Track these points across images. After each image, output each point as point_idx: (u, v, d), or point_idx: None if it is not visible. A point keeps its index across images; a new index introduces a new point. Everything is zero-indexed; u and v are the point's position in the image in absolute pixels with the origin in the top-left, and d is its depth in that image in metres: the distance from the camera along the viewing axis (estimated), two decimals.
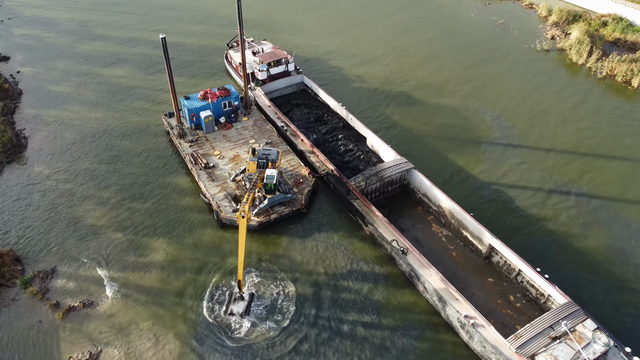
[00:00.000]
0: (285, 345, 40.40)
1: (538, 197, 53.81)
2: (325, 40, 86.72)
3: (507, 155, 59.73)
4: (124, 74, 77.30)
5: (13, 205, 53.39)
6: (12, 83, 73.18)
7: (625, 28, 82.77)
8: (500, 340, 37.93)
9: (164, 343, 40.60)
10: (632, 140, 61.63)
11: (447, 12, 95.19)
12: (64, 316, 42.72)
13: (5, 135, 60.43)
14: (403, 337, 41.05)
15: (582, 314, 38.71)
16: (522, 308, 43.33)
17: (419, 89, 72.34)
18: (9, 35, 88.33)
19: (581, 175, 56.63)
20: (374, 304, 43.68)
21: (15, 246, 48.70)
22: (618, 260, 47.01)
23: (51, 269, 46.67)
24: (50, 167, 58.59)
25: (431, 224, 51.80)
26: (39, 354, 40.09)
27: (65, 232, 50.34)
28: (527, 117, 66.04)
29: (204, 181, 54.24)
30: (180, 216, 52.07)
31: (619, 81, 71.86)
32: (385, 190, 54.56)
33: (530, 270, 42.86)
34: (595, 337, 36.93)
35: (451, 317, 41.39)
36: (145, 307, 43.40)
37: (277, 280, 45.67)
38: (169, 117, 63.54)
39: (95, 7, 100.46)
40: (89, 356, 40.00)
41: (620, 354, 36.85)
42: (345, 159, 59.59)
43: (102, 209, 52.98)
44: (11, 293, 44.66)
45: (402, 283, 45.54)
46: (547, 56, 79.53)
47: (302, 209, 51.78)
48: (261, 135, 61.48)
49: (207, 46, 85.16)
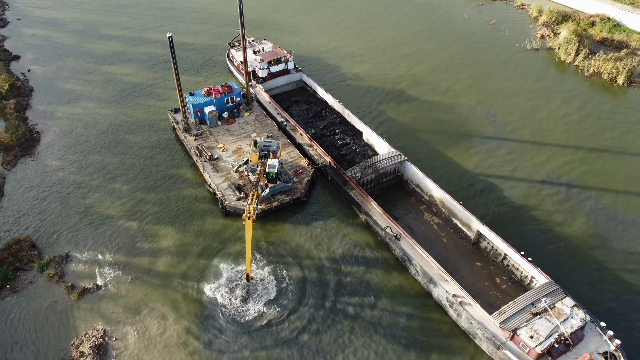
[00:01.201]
0: (286, 324, 43.42)
1: (525, 188, 56.85)
2: (324, 40, 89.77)
3: (498, 149, 62.73)
4: (130, 72, 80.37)
5: (28, 195, 56.38)
6: (24, 81, 76.29)
7: (613, 28, 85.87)
8: (486, 317, 40.95)
9: (171, 321, 43.60)
10: (616, 135, 64.70)
11: (441, 13, 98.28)
12: (79, 297, 45.72)
13: (19, 130, 63.52)
14: (396, 316, 44.04)
15: (562, 293, 41.77)
16: (508, 289, 46.31)
17: (413, 87, 75.39)
18: (19, 35, 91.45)
19: (567, 167, 59.67)
20: (369, 285, 46.69)
21: (31, 233, 51.69)
22: (600, 246, 50.02)
23: (65, 254, 49.65)
24: (62, 160, 61.62)
25: (423, 213, 54.82)
26: (57, 331, 43.08)
27: (78, 220, 53.33)
28: (517, 112, 69.08)
29: (208, 172, 57.25)
30: (185, 205, 55.06)
31: (605, 78, 75.00)
32: (380, 182, 57.55)
33: (515, 254, 45.89)
34: (572, 313, 40.05)
35: (441, 297, 44.38)
36: (153, 289, 46.39)
37: (278, 263, 48.66)
38: (174, 112, 66.55)
39: (101, 8, 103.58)
40: (103, 333, 43.01)
41: (596, 328, 39.99)
42: (342, 152, 62.62)
43: (112, 198, 55.97)
44: (29, 276, 47.65)
45: (395, 266, 48.55)
46: (537, 55, 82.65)
47: (302, 198, 54.81)
48: (262, 129, 64.49)
49: (210, 45, 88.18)
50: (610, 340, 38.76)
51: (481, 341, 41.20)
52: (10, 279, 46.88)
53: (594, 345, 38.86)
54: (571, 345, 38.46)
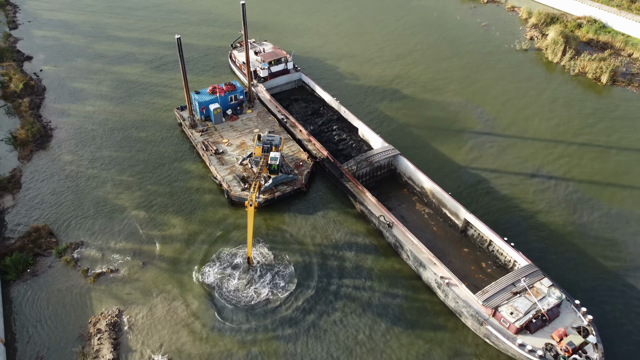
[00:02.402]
0: (285, 304, 47.11)
1: (512, 180, 60.55)
2: (322, 41, 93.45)
3: (486, 144, 66.42)
4: (138, 71, 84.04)
5: (44, 187, 59.99)
6: (37, 80, 79.95)
7: (599, 29, 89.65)
8: (470, 296, 44.58)
9: (179, 302, 47.29)
10: (599, 130, 68.44)
11: (435, 15, 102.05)
12: (94, 280, 49.33)
13: (34, 126, 67.17)
14: (388, 296, 47.71)
15: (540, 274, 45.43)
16: (492, 273, 49.95)
17: (407, 86, 79.13)
18: (30, 37, 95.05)
19: (553, 161, 63.38)
20: (363, 268, 50.38)
21: (48, 222, 55.31)
22: (580, 234, 53.74)
23: (80, 241, 53.26)
24: (75, 155, 65.27)
25: (415, 203, 58.51)
26: (75, 310, 46.70)
27: (91, 209, 56.96)
28: (506, 110, 72.84)
29: (214, 165, 60.93)
30: (191, 195, 58.73)
31: (589, 77, 78.77)
32: (375, 175, 61.24)
33: (499, 240, 49.60)
34: (550, 292, 43.66)
35: (430, 279, 48.04)
36: (162, 273, 50.03)
37: (279, 249, 52.32)
38: (180, 110, 70.22)
39: (109, 10, 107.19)
40: (117, 312, 46.63)
41: (571, 305, 43.68)
42: (339, 147, 66.33)
43: (122, 190, 59.61)
44: (48, 261, 51.25)
45: (388, 252, 52.26)
46: (526, 55, 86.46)
47: (302, 188, 58.51)
48: (264, 125, 68.18)
49: (213, 46, 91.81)
50: (583, 316, 42.42)
51: (466, 318, 44.85)
52: (30, 264, 50.48)
53: (569, 320, 42.51)
54: (548, 321, 42.10)
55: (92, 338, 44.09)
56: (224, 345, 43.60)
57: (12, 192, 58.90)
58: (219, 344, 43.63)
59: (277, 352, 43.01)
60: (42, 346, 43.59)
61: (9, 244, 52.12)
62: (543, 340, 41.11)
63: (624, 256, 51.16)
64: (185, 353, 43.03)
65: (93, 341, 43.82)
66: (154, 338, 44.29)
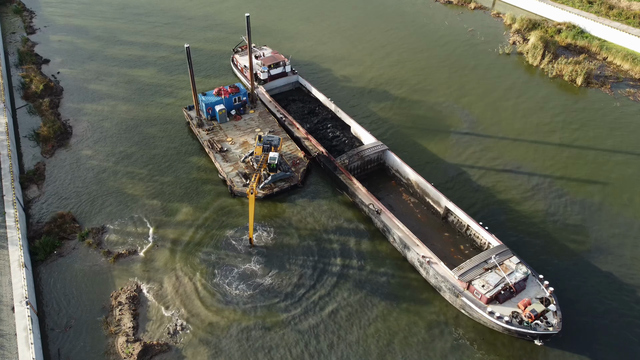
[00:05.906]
0: (283, 281, 53.21)
1: (492, 174, 66.61)
2: (318, 45, 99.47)
3: (469, 142, 72.43)
4: (148, 74, 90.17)
5: (66, 179, 66.05)
6: (55, 82, 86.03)
7: (577, 35, 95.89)
8: (448, 272, 50.60)
9: (191, 280, 53.37)
10: (574, 129, 74.54)
11: (425, 21, 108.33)
12: (114, 260, 55.38)
13: (55, 124, 73.35)
14: (378, 276, 53.76)
15: (510, 253, 51.49)
16: (469, 254, 55.84)
17: (397, 87, 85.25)
18: (47, 41, 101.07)
19: (531, 157, 69.32)
20: (355, 251, 56.46)
21: (71, 209, 61.37)
22: (551, 221, 59.67)
23: (101, 227, 59.32)
24: (93, 150, 71.42)
25: (402, 193, 64.63)
26: (98, 286, 52.75)
27: (109, 198, 63.05)
28: (488, 110, 78.93)
29: (219, 162, 67.04)
30: (198, 187, 64.79)
31: (566, 80, 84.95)
32: (365, 168, 67.34)
33: (475, 224, 55.67)
34: (517, 268, 49.70)
35: (413, 258, 54.09)
36: (175, 254, 56.09)
37: (279, 233, 58.41)
38: (188, 109, 76.37)
39: (120, 16, 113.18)
40: (135, 287, 52.66)
41: (536, 280, 49.77)
42: (333, 143, 72.50)
43: (137, 181, 65.69)
44: (72, 244, 57.29)
45: (376, 236, 58.34)
46: (508, 59, 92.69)
47: (299, 184, 64.61)
48: (265, 125, 74.34)
49: (216, 51, 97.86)
50: (546, 289, 48.45)
51: (444, 292, 50.94)
52: (57, 246, 56.49)
53: (534, 292, 48.59)
54: (515, 293, 48.19)
55: (114, 309, 50.15)
56: (230, 315, 49.68)
57: (37, 183, 65.00)
58: (225, 314, 49.72)
59: (277, 322, 49.10)
60: (70, 317, 49.63)
61: (38, 229, 58.18)
62: (510, 309, 47.12)
63: (588, 240, 57.21)
64: (198, 319, 49.14)
65: (115, 312, 49.89)
66: (169, 308, 50.38)
